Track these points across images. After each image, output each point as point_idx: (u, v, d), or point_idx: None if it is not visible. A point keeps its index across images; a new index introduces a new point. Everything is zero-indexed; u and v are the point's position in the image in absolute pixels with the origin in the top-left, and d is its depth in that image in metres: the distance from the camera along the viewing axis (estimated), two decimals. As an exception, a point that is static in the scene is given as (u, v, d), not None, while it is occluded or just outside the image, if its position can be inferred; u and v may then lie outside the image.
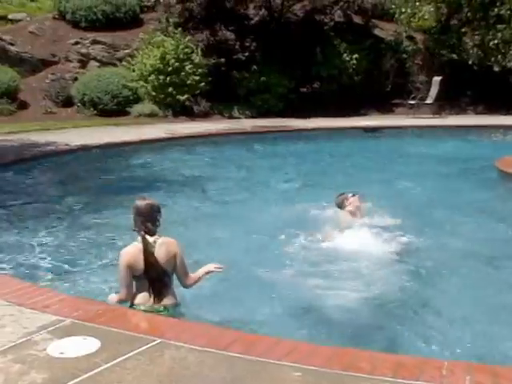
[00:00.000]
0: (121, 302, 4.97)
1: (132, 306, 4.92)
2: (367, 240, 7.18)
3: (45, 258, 7.06)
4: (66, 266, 6.82)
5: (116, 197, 10.33)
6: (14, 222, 8.65)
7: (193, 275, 5.11)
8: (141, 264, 4.84)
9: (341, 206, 7.95)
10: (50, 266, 6.83)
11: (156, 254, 4.86)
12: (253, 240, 7.73)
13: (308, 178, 11.86)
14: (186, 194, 10.78)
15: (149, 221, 4.90)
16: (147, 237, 4.87)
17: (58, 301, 4.86)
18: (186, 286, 5.11)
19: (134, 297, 4.93)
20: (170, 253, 4.92)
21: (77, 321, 4.43)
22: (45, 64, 21.69)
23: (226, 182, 11.79)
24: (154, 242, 4.89)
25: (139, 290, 4.93)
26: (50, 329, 4.28)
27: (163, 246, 4.91)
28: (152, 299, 4.89)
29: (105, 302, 5.09)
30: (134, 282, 4.93)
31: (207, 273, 5.19)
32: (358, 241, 7.14)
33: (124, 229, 8.26)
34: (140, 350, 3.99)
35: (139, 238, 4.88)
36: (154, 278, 4.87)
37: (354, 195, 7.94)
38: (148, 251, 4.84)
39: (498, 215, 8.92)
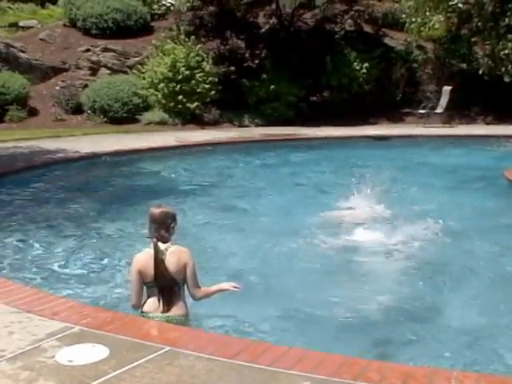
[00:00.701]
0: (133, 307, 4.95)
1: (142, 313, 4.88)
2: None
3: (54, 265, 7.07)
4: (77, 273, 6.83)
5: (126, 204, 10.37)
6: (23, 229, 8.66)
7: (204, 289, 5.00)
8: (151, 271, 4.79)
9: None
10: (59, 272, 6.84)
11: (166, 262, 4.79)
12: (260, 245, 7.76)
13: (318, 186, 11.85)
14: (195, 200, 10.80)
15: (162, 228, 4.86)
16: (159, 244, 4.83)
17: (67, 308, 4.87)
18: (194, 298, 4.99)
19: (144, 304, 4.89)
20: (181, 262, 4.83)
21: (85, 328, 4.43)
22: (55, 71, 21.78)
23: (235, 189, 11.80)
24: (166, 249, 4.83)
25: (149, 297, 4.87)
26: (58, 336, 4.29)
27: (174, 254, 4.83)
28: (161, 307, 4.82)
29: (113, 309, 5.09)
30: (144, 289, 4.88)
31: (222, 290, 5.09)
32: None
33: (133, 236, 8.33)
34: (148, 357, 3.98)
35: (152, 245, 4.85)
36: (164, 286, 4.81)
37: None
38: (158, 258, 4.79)
39: (505, 225, 8.89)
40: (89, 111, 20.37)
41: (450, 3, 20.85)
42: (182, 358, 3.98)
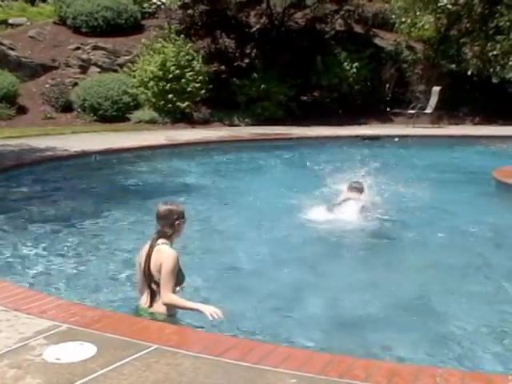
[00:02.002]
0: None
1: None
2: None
3: (41, 264, 7.06)
4: (63, 271, 6.82)
5: (115, 202, 10.36)
6: (12, 227, 8.64)
7: (176, 298, 4.85)
8: (142, 265, 4.94)
9: (361, 190, 9.27)
10: (46, 271, 6.84)
11: (151, 259, 4.87)
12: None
13: (306, 184, 11.85)
14: (185, 199, 10.79)
15: (166, 224, 4.96)
16: (159, 240, 4.94)
17: (55, 306, 4.87)
18: (161, 301, 4.85)
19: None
20: (158, 262, 4.84)
21: (73, 326, 4.44)
22: (45, 69, 21.72)
23: (225, 189, 11.81)
24: (157, 245, 4.91)
25: (145, 291, 4.96)
26: (46, 334, 4.29)
27: (157, 252, 4.88)
28: (148, 302, 4.90)
29: (101, 307, 5.11)
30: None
31: (199, 310, 4.80)
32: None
33: (122, 234, 8.35)
34: (136, 355, 4.00)
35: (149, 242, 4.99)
36: (148, 281, 4.89)
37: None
38: (149, 254, 4.88)
39: (493, 225, 8.95)
40: (78, 109, 20.34)
41: (439, 4, 20.95)
42: (170, 356, 4.00)
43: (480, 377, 3.98)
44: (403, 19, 22.20)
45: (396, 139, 16.66)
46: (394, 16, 22.99)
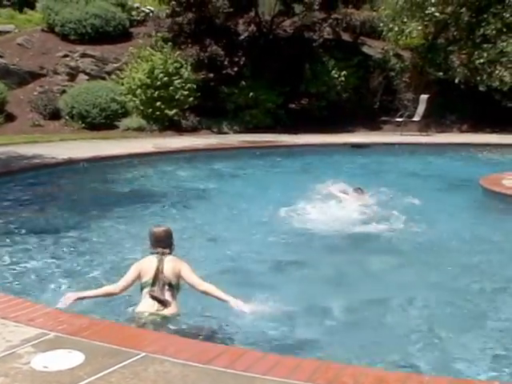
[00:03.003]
0: (111, 294, 5.57)
1: (136, 313, 5.39)
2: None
3: (29, 271, 7.04)
4: (51, 279, 6.79)
5: (102, 210, 10.33)
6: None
7: (211, 286, 5.52)
8: (150, 274, 5.45)
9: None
10: (34, 279, 6.81)
11: (164, 270, 5.48)
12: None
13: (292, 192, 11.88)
14: (173, 206, 10.81)
15: (167, 245, 5.70)
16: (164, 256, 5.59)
17: (43, 314, 4.86)
18: (198, 289, 5.53)
19: (139, 305, 5.44)
20: (176, 269, 5.52)
21: (61, 334, 4.42)
22: (33, 76, 21.67)
23: (213, 197, 11.81)
24: (164, 258, 5.57)
25: (144, 299, 5.41)
26: (33, 342, 4.28)
27: (171, 262, 5.56)
28: (156, 307, 5.33)
29: (89, 315, 5.10)
30: (142, 293, 5.47)
31: (228, 302, 5.40)
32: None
33: (108, 242, 8.33)
34: (124, 363, 3.99)
35: (153, 256, 5.62)
36: (162, 288, 5.41)
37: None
38: (159, 268, 5.49)
39: (480, 232, 9.01)
40: (66, 117, 20.29)
41: (427, 12, 21.08)
42: (158, 364, 3.99)
43: (467, 383, 4.01)
44: (391, 26, 22.32)
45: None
46: (381, 24, 23.11)
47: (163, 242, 5.64)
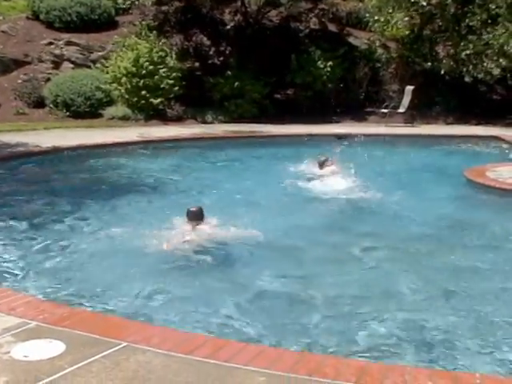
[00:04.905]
0: None
1: None
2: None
3: (10, 260, 6.99)
4: (32, 268, 6.75)
5: (86, 198, 10.28)
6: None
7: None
8: None
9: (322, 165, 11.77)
10: (16, 267, 6.76)
11: None
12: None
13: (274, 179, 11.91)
14: (156, 195, 10.78)
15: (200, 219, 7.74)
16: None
17: (24, 303, 4.84)
18: None
19: None
20: None
21: (42, 324, 4.41)
22: (17, 64, 21.50)
23: (197, 186, 11.77)
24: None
25: None
26: (14, 331, 4.26)
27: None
28: None
29: (70, 304, 5.08)
30: None
31: None
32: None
33: (90, 231, 8.29)
34: (105, 353, 3.98)
35: None
36: None
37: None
38: None
39: (463, 223, 9.06)
40: (51, 105, 20.16)
41: (413, 1, 21.06)
42: (139, 354, 3.99)
43: (447, 375, 4.02)
44: (377, 17, 22.31)
45: (361, 138, 16.78)
46: (367, 15, 23.10)
47: (197, 217, 7.69)
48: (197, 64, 21.49)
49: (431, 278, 6.65)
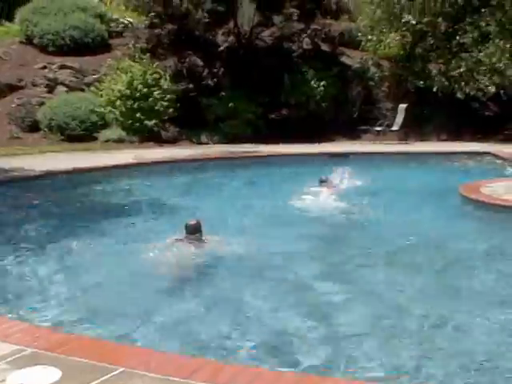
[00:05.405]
0: None
1: None
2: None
3: (6, 286, 6.94)
4: (28, 295, 6.70)
5: (80, 221, 10.25)
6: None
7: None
8: None
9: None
10: (11, 294, 6.72)
11: None
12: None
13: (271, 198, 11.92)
14: (153, 217, 10.76)
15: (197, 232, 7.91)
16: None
17: (19, 330, 4.80)
18: None
19: None
20: None
21: (38, 350, 4.36)
22: (11, 88, 21.53)
23: (193, 208, 11.75)
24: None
25: None
26: (9, 359, 4.21)
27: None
28: None
29: (66, 331, 5.05)
30: None
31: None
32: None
33: (87, 256, 8.25)
34: (102, 379, 3.94)
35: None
36: None
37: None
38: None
39: (459, 239, 9.06)
40: (45, 129, 20.17)
41: (403, 21, 21.23)
42: (137, 379, 3.95)
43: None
44: (369, 37, 22.47)
45: (350, 156, 16.88)
46: (360, 34, 23.26)
47: (195, 230, 7.85)
48: (191, 85, 21.53)
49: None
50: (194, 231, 7.86)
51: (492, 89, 20.35)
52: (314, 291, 6.74)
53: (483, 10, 20.30)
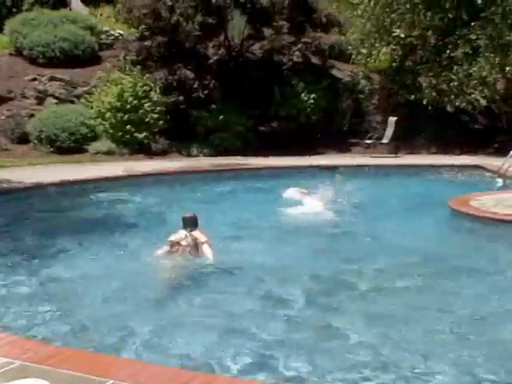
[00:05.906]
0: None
1: None
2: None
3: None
4: (15, 306, 6.65)
5: (68, 234, 10.18)
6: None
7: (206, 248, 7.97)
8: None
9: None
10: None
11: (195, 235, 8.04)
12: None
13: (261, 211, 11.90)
14: (141, 231, 10.71)
15: (193, 225, 8.18)
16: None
17: (8, 343, 4.75)
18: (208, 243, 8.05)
19: None
20: (202, 233, 8.13)
21: (27, 363, 4.31)
22: (0, 100, 21.46)
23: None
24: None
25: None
26: (-2, 371, 4.17)
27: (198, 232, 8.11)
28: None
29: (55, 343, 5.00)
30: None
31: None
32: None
33: (74, 268, 8.19)
34: (91, 391, 3.91)
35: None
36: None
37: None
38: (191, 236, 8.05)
39: (448, 252, 9.07)
40: (35, 141, 20.11)
41: (394, 34, 21.34)
42: (127, 391, 3.92)
43: None
44: (360, 49, 22.56)
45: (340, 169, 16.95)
46: (350, 47, 23.36)
47: (193, 222, 8.16)
48: (181, 98, 21.54)
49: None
50: (191, 223, 8.15)
51: (483, 102, 20.46)
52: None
53: (473, 24, 20.42)
